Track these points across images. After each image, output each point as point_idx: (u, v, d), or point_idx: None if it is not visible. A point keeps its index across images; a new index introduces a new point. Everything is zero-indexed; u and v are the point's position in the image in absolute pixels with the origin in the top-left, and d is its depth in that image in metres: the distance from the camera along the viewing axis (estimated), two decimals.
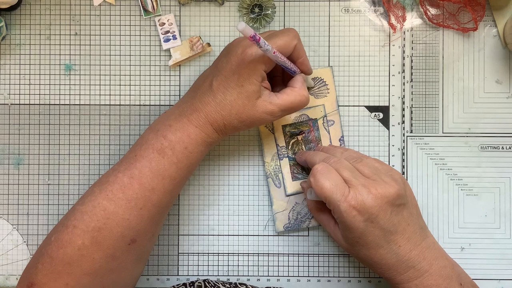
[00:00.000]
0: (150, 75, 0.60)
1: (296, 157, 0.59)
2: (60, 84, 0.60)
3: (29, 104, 0.60)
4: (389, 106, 0.60)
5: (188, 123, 0.51)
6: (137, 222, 0.51)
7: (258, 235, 0.60)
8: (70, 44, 0.60)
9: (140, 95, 0.60)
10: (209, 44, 0.60)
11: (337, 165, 0.51)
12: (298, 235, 0.60)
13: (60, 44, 0.60)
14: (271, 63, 0.51)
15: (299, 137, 0.60)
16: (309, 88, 0.59)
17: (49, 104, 0.60)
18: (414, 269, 0.50)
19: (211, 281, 0.57)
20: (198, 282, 0.55)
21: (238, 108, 0.51)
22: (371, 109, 0.60)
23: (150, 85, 0.60)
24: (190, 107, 0.52)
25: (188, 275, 0.60)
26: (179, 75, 0.61)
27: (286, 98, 0.52)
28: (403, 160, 0.60)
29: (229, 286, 0.56)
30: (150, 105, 0.60)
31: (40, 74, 0.60)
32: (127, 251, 0.51)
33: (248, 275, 0.60)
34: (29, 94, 0.60)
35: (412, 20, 0.60)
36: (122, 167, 0.51)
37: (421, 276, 0.50)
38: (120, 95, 0.61)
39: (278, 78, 0.57)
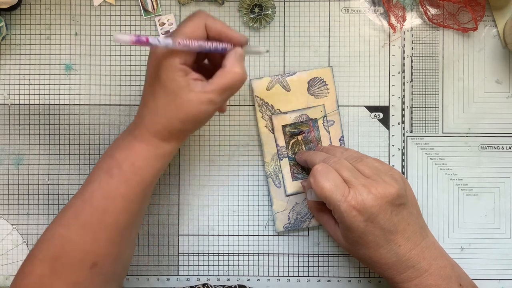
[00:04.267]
0: None
1: (296, 157, 0.59)
2: (60, 84, 0.60)
3: (29, 104, 0.60)
4: (389, 106, 0.60)
5: (133, 139, 0.50)
6: (94, 246, 0.50)
7: (258, 235, 0.60)
8: (70, 44, 0.60)
9: (140, 95, 0.60)
10: None
11: (337, 165, 0.51)
12: (298, 235, 0.60)
13: (60, 44, 0.60)
14: (186, 54, 0.48)
15: (299, 137, 0.60)
16: (262, 55, 0.54)
17: (49, 104, 0.60)
18: (413, 268, 0.50)
19: (210, 285, 0.57)
20: (197, 287, 0.55)
21: (173, 109, 0.48)
22: (371, 109, 0.60)
23: None
24: (133, 124, 0.51)
25: (188, 275, 0.60)
26: None
27: (218, 81, 0.48)
28: (403, 160, 0.60)
29: None
30: None
31: (40, 74, 0.60)
32: (90, 277, 0.50)
33: (248, 275, 0.60)
34: (29, 94, 0.60)
35: (412, 20, 0.60)
36: (78, 192, 0.51)
37: (421, 276, 0.50)
38: (120, 95, 0.61)
39: (219, 65, 0.51)
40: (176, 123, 0.49)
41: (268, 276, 0.60)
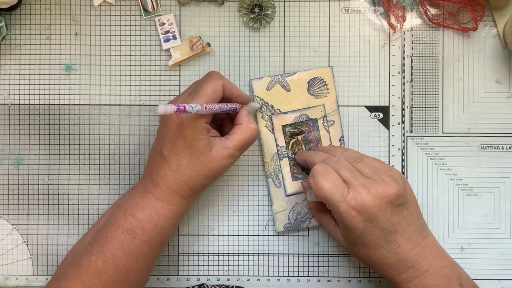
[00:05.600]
0: (150, 75, 0.60)
1: (296, 157, 0.59)
2: (60, 84, 0.60)
3: (29, 104, 0.60)
4: (389, 106, 0.60)
5: (153, 199, 0.51)
6: None
7: (258, 235, 0.60)
8: (70, 44, 0.60)
9: (140, 95, 0.60)
10: (209, 44, 0.60)
11: (336, 165, 0.51)
12: (298, 235, 0.60)
13: (60, 44, 0.60)
14: (209, 115, 0.51)
15: (299, 137, 0.60)
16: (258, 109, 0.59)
17: (49, 104, 0.60)
18: (414, 268, 0.50)
19: (207, 285, 0.57)
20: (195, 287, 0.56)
21: (197, 167, 0.51)
22: (371, 109, 0.60)
23: (150, 85, 0.60)
24: (151, 182, 0.52)
25: (188, 275, 0.60)
26: (179, 75, 0.61)
27: (237, 138, 0.52)
28: (403, 160, 0.60)
29: None
30: (150, 105, 0.60)
31: (40, 74, 0.60)
32: None
33: (248, 275, 0.60)
34: (29, 94, 0.60)
35: (412, 20, 0.60)
36: (95, 249, 0.51)
37: (421, 275, 0.50)
38: (120, 95, 0.61)
39: (225, 118, 0.57)
40: (199, 180, 0.51)
41: (268, 276, 0.60)
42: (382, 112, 0.60)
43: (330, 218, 0.54)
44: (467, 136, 0.60)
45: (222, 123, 0.58)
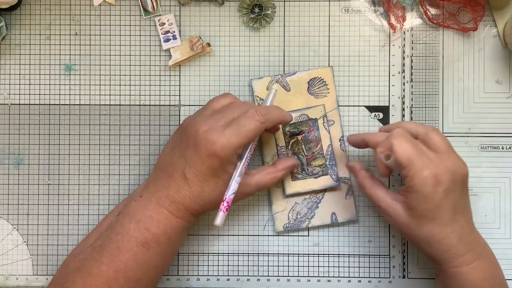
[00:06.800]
0: (150, 75, 0.60)
1: (349, 138, 0.56)
2: (60, 84, 0.60)
3: (29, 104, 0.60)
4: (389, 106, 0.60)
5: (169, 215, 0.51)
6: None
7: (258, 235, 0.60)
8: (70, 44, 0.60)
9: (140, 95, 0.60)
10: (209, 44, 0.60)
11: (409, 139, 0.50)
12: (298, 235, 0.60)
13: (60, 44, 0.60)
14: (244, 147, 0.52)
15: (299, 137, 0.60)
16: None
17: (49, 104, 0.60)
18: (472, 252, 0.50)
19: None
20: None
21: (217, 196, 0.51)
22: (371, 109, 0.60)
23: (150, 85, 0.60)
24: (167, 198, 0.51)
25: (188, 275, 0.60)
26: (179, 75, 0.61)
27: (261, 179, 0.54)
28: None
29: None
30: (150, 105, 0.60)
31: (40, 74, 0.60)
32: None
33: (248, 275, 0.60)
34: (29, 94, 0.60)
35: (412, 20, 0.60)
36: (105, 258, 0.50)
37: (478, 259, 0.50)
38: (120, 95, 0.61)
39: None
40: (215, 204, 0.52)
41: (268, 276, 0.60)
42: (382, 112, 0.60)
43: (387, 192, 0.52)
44: (467, 136, 0.60)
45: None
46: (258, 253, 0.60)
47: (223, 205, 0.51)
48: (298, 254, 0.60)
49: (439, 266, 0.52)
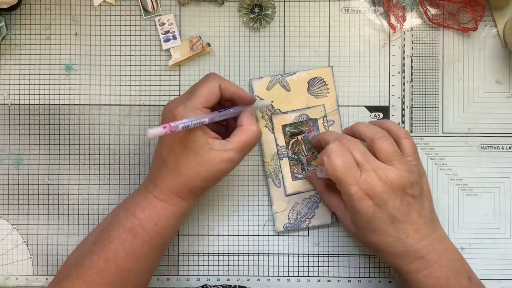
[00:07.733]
0: (150, 75, 0.60)
1: (311, 139, 0.59)
2: (60, 84, 0.60)
3: (29, 104, 0.60)
4: (389, 106, 0.60)
5: (153, 198, 0.51)
6: None
7: (258, 235, 0.60)
8: (70, 44, 0.60)
9: (140, 95, 0.61)
10: (209, 44, 0.60)
11: (350, 145, 0.50)
12: (298, 235, 0.60)
13: (60, 44, 0.60)
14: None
15: (299, 137, 0.60)
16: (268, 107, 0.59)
17: (49, 104, 0.60)
18: (422, 259, 0.50)
19: (209, 285, 0.57)
20: None
21: (194, 169, 0.50)
22: (371, 109, 0.60)
23: (150, 85, 0.60)
24: (151, 183, 0.52)
25: (188, 275, 0.60)
26: (179, 75, 0.61)
27: (237, 140, 0.51)
28: None
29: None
30: (150, 105, 0.60)
31: (40, 74, 0.60)
32: None
33: (248, 275, 0.60)
34: (29, 94, 0.60)
35: (412, 20, 0.60)
36: (97, 248, 0.51)
37: (430, 266, 0.50)
38: (120, 95, 0.61)
39: (231, 120, 0.56)
40: (197, 181, 0.51)
41: (268, 276, 0.60)
42: (382, 112, 0.60)
43: (339, 200, 0.53)
44: (467, 136, 0.60)
45: (228, 124, 0.57)
46: (258, 253, 0.60)
47: (169, 124, 0.47)
48: (298, 254, 0.60)
49: (396, 271, 0.52)
